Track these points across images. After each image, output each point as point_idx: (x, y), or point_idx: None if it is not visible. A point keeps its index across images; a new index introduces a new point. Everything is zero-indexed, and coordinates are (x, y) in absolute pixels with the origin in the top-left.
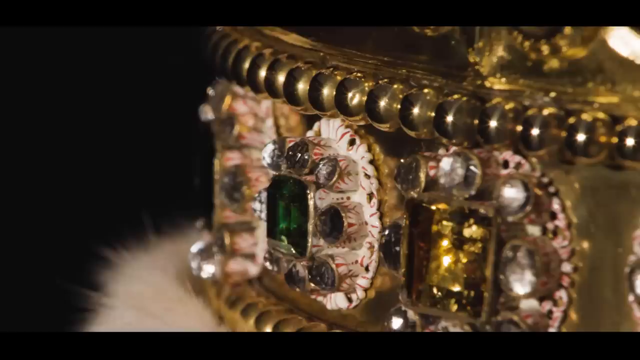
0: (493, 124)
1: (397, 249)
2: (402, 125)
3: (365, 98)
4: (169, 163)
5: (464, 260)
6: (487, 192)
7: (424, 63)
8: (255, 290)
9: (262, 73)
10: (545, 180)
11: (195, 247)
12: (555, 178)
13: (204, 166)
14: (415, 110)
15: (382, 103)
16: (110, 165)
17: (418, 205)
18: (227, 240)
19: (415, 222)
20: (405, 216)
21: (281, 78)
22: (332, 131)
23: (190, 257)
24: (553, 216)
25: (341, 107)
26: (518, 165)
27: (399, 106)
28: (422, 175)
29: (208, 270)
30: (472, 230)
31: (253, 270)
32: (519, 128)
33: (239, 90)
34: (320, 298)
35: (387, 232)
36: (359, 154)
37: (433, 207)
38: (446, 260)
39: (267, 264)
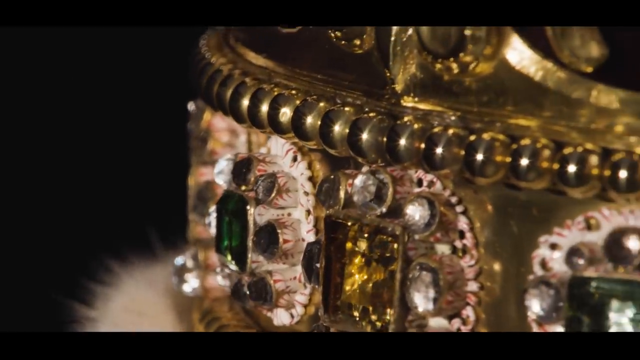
0: (402, 142)
1: (318, 265)
2: (322, 142)
3: (293, 115)
4: (177, 175)
5: (375, 277)
6: (399, 210)
7: (351, 81)
8: (229, 305)
9: (215, 88)
10: (454, 199)
11: (176, 262)
12: (465, 197)
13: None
14: (336, 128)
15: (309, 120)
16: (116, 177)
17: (335, 222)
18: (201, 256)
19: (332, 238)
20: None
21: (229, 94)
22: (279, 147)
23: (172, 272)
24: (462, 235)
25: (273, 123)
26: (431, 184)
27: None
28: (342, 193)
29: (189, 285)
30: (382, 248)
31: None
32: (423, 147)
33: None
34: (269, 314)
35: (309, 248)
36: (299, 171)
37: (349, 224)
38: (359, 278)
39: (219, 278)
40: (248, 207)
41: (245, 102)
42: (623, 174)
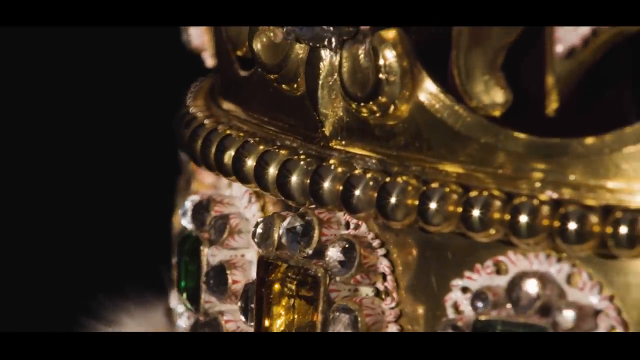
0: (325, 185)
1: (252, 305)
2: (257, 184)
3: (234, 156)
4: None
5: (301, 318)
6: (324, 251)
7: (291, 124)
8: None
9: (181, 129)
10: (376, 242)
11: (169, 303)
12: (389, 240)
13: None
14: (271, 170)
15: (249, 162)
16: (121, 213)
17: (267, 262)
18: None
19: (264, 279)
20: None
21: (188, 134)
22: (239, 189)
23: (164, 312)
24: (385, 277)
25: (219, 165)
26: (357, 226)
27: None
28: (275, 234)
29: (179, 324)
30: (311, 289)
31: None
32: (341, 189)
33: None
34: None
35: (246, 288)
36: (252, 212)
37: (279, 264)
38: (285, 319)
39: (184, 318)
40: (202, 247)
41: (199, 143)
42: (523, 218)
